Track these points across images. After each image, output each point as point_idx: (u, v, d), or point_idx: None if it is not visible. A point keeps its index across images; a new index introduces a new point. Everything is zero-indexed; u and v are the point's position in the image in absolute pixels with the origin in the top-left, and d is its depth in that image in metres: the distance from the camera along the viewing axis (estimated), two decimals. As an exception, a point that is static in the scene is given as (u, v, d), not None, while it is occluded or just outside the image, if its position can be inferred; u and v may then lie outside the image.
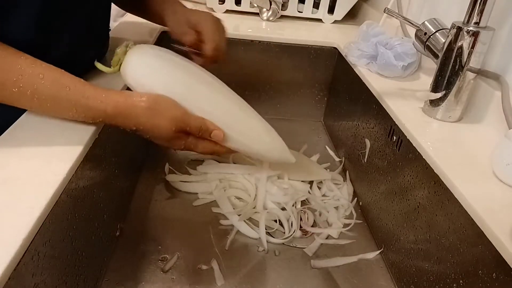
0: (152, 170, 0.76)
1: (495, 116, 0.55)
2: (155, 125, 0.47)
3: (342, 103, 0.88)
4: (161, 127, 0.47)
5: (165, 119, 0.47)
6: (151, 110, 0.46)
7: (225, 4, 1.04)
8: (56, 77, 0.43)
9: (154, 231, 0.63)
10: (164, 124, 0.47)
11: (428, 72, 0.73)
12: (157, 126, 0.47)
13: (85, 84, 0.45)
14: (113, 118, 0.46)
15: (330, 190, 0.75)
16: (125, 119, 0.46)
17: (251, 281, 0.56)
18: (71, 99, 0.43)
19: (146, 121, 0.46)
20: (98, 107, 0.44)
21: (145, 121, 0.46)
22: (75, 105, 0.44)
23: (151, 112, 0.46)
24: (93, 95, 0.44)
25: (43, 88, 0.42)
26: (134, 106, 0.46)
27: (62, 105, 0.44)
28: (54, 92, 0.43)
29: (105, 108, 0.45)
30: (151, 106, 0.46)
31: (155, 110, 0.46)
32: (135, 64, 0.50)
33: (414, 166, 0.54)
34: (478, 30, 0.52)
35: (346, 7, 1.04)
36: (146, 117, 0.46)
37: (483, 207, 0.41)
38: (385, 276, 0.59)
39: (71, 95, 0.43)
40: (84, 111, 0.45)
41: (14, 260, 0.30)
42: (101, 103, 0.44)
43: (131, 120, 0.46)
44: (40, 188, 0.37)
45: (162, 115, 0.47)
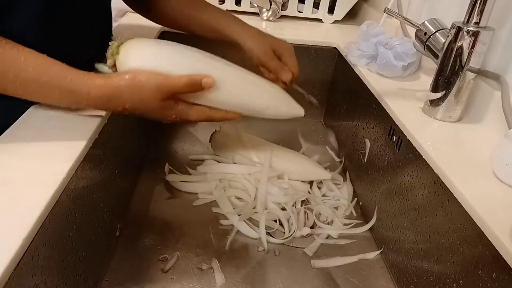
0: (152, 170, 0.76)
1: (495, 116, 0.55)
2: (141, 100, 0.46)
3: (342, 103, 0.88)
4: (147, 100, 0.46)
5: (148, 91, 0.46)
6: (132, 86, 0.46)
7: (225, 4, 1.04)
8: (38, 60, 0.43)
9: (154, 231, 0.63)
10: (148, 96, 0.46)
11: (428, 72, 0.73)
12: (143, 100, 0.46)
13: (68, 68, 0.45)
14: (98, 100, 0.45)
15: (330, 190, 0.75)
16: (109, 100, 0.46)
17: (251, 281, 0.56)
18: (53, 82, 0.43)
19: (130, 97, 0.46)
20: (81, 89, 0.44)
21: (129, 98, 0.46)
22: (58, 88, 0.44)
23: (133, 88, 0.46)
24: (76, 78, 0.44)
25: (25, 72, 0.42)
26: (115, 85, 0.45)
27: (45, 89, 0.44)
28: (36, 75, 0.43)
29: (88, 91, 0.44)
30: (131, 82, 0.46)
31: (135, 85, 0.46)
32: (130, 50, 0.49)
33: (414, 166, 0.54)
34: (478, 30, 0.52)
35: (346, 7, 1.04)
36: (129, 94, 0.46)
37: (483, 207, 0.41)
38: (385, 276, 0.59)
39: (54, 78, 0.43)
40: (67, 94, 0.44)
41: (14, 260, 0.30)
42: (84, 85, 0.44)
43: (116, 100, 0.46)
44: (40, 188, 0.37)
45: (144, 88, 0.46)
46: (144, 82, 0.46)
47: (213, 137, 0.80)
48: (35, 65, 0.43)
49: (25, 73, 0.42)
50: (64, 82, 0.43)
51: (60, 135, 0.45)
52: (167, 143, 0.86)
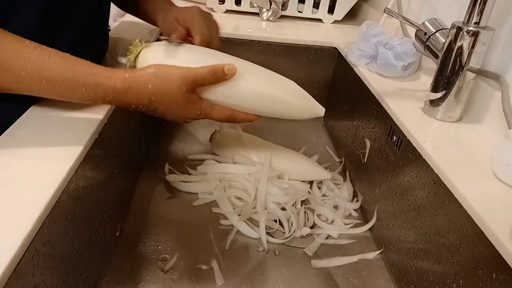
0: (152, 170, 0.76)
1: (495, 116, 0.55)
2: (167, 91, 0.47)
3: (342, 103, 0.88)
4: (173, 91, 0.47)
5: (174, 81, 0.47)
6: (158, 76, 0.46)
7: (225, 4, 1.04)
8: (62, 58, 0.43)
9: (154, 231, 0.63)
10: (174, 87, 0.47)
11: (428, 72, 0.73)
12: (168, 91, 0.47)
13: (91, 64, 0.45)
14: (124, 94, 0.45)
15: (330, 190, 0.75)
16: (135, 92, 0.46)
17: (251, 281, 0.56)
18: (79, 78, 0.43)
19: (156, 89, 0.46)
20: (107, 83, 0.44)
21: (155, 90, 0.46)
22: (84, 84, 0.44)
23: (158, 79, 0.46)
24: (101, 72, 0.44)
25: (50, 69, 0.42)
26: (141, 76, 0.46)
27: (71, 85, 0.43)
28: (61, 72, 0.42)
29: (114, 84, 0.44)
30: (156, 73, 0.46)
31: (161, 75, 0.46)
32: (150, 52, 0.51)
33: (414, 166, 0.54)
34: (478, 30, 0.52)
35: (346, 7, 1.05)
36: (155, 85, 0.46)
37: (483, 207, 0.41)
38: (385, 276, 0.59)
39: (79, 73, 0.43)
40: (93, 89, 0.44)
41: (14, 260, 0.30)
42: (109, 79, 0.44)
43: (142, 92, 0.46)
44: (40, 188, 0.37)
45: (169, 78, 0.47)
46: (169, 73, 0.47)
47: (213, 137, 0.80)
48: (60, 63, 0.43)
49: (50, 72, 0.42)
50: (90, 77, 0.44)
51: (60, 135, 0.45)
52: (167, 143, 0.86)
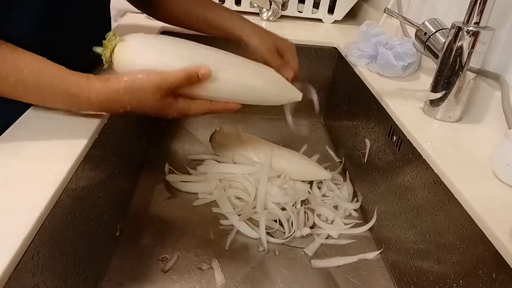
0: (152, 170, 0.76)
1: (495, 116, 0.55)
2: (141, 101, 0.47)
3: (342, 103, 0.88)
4: (147, 100, 0.47)
5: (148, 91, 0.47)
6: (131, 88, 0.46)
7: (225, 4, 1.04)
8: (38, 65, 0.43)
9: (154, 231, 0.63)
10: (148, 96, 0.47)
11: (428, 72, 0.73)
12: (143, 101, 0.47)
13: (68, 72, 0.45)
14: (98, 104, 0.46)
15: (330, 190, 0.75)
16: (109, 104, 0.46)
17: (251, 281, 0.56)
18: (54, 87, 0.43)
19: (130, 99, 0.46)
20: (81, 94, 0.44)
21: (129, 100, 0.46)
22: (59, 94, 0.44)
23: (132, 90, 0.46)
24: (76, 82, 0.44)
25: (25, 77, 0.42)
26: (114, 89, 0.46)
27: (46, 94, 0.44)
28: (37, 80, 0.43)
29: (88, 96, 0.45)
30: (129, 85, 0.46)
31: (135, 88, 0.46)
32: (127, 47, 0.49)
33: (414, 166, 0.54)
34: (478, 30, 0.52)
35: (346, 7, 1.04)
36: (129, 96, 0.46)
37: (483, 207, 0.41)
38: (385, 276, 0.59)
39: (55, 82, 0.43)
40: (68, 99, 0.45)
41: (14, 260, 0.30)
42: (84, 89, 0.44)
43: (116, 103, 0.46)
44: (40, 188, 0.37)
45: (143, 89, 0.46)
46: (143, 84, 0.46)
47: (213, 137, 0.80)
48: (36, 70, 0.43)
49: (26, 78, 0.42)
50: (64, 87, 0.44)
51: (60, 135, 0.45)
52: (167, 143, 0.86)
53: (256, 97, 0.56)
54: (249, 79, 0.54)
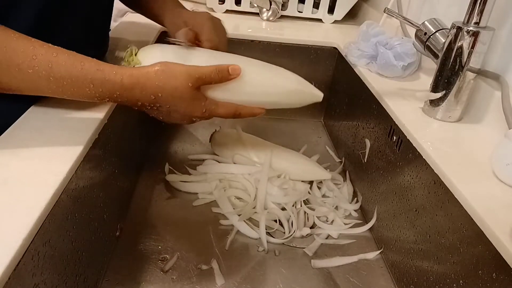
0: (152, 170, 0.76)
1: (495, 116, 0.55)
2: (173, 87, 0.47)
3: (342, 103, 0.88)
4: (179, 87, 0.47)
5: (180, 78, 0.47)
6: (165, 73, 0.46)
7: (225, 4, 1.04)
8: (69, 55, 0.43)
9: (154, 231, 0.63)
10: (180, 84, 0.47)
11: (428, 72, 0.73)
12: (175, 88, 0.47)
13: (97, 61, 0.45)
14: (131, 89, 0.45)
15: (330, 190, 0.75)
16: (142, 88, 0.46)
17: (251, 281, 0.56)
18: (86, 75, 0.43)
19: (163, 85, 0.46)
20: (114, 78, 0.44)
21: (162, 86, 0.46)
22: (91, 80, 0.44)
23: (166, 75, 0.46)
24: (108, 69, 0.44)
25: (57, 66, 0.42)
26: (148, 73, 0.46)
27: (79, 82, 0.43)
28: (69, 69, 0.43)
29: (121, 79, 0.45)
30: (164, 69, 0.46)
31: (168, 71, 0.46)
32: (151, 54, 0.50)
33: (414, 166, 0.54)
34: (478, 30, 0.52)
35: (346, 7, 1.05)
36: (162, 81, 0.46)
37: (483, 207, 0.41)
38: (385, 276, 0.59)
39: (86, 70, 0.43)
40: (100, 85, 0.44)
41: (14, 260, 0.30)
42: (116, 74, 0.44)
43: (148, 88, 0.46)
44: (40, 188, 0.37)
45: (176, 76, 0.47)
46: (176, 70, 0.47)
47: (213, 137, 0.80)
48: (67, 60, 0.43)
49: (58, 69, 0.42)
50: (97, 74, 0.44)
51: (60, 135, 0.45)
52: (167, 143, 0.86)
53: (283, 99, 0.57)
54: (276, 81, 0.55)
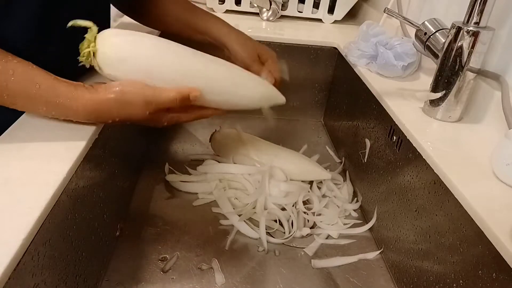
0: (152, 170, 0.76)
1: (495, 116, 0.55)
2: (129, 115, 0.46)
3: (342, 103, 0.88)
4: (135, 115, 0.46)
5: (137, 107, 0.46)
6: (120, 102, 0.45)
7: (225, 4, 1.04)
8: (26, 73, 0.42)
9: (154, 231, 0.63)
10: (137, 112, 0.46)
11: (428, 72, 0.73)
12: (131, 115, 0.46)
13: (56, 81, 0.44)
14: (87, 116, 0.45)
15: (330, 190, 0.75)
16: (97, 115, 0.45)
17: (251, 281, 0.56)
18: (41, 96, 0.43)
19: (119, 113, 0.46)
20: (69, 105, 0.44)
21: (117, 113, 0.46)
22: (46, 103, 0.43)
23: (121, 104, 0.45)
24: (64, 93, 0.43)
25: (13, 85, 0.41)
26: (102, 101, 0.45)
27: (32, 102, 0.43)
28: (24, 88, 0.42)
29: (76, 108, 0.44)
30: (118, 98, 0.45)
31: (124, 101, 0.45)
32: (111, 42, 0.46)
33: (414, 166, 0.54)
34: (478, 30, 0.52)
35: (346, 7, 1.05)
36: (117, 110, 0.45)
37: (483, 207, 0.41)
38: (385, 276, 0.59)
39: (42, 92, 0.42)
40: (54, 109, 0.44)
41: (14, 260, 0.30)
42: (71, 101, 0.43)
43: (104, 115, 0.46)
44: (40, 188, 0.37)
45: (132, 104, 0.46)
46: (132, 98, 0.46)
47: (213, 137, 0.80)
48: (23, 78, 0.42)
49: (13, 85, 0.41)
50: (52, 97, 0.43)
51: (60, 135, 0.45)
52: (167, 143, 0.86)
53: (244, 105, 0.56)
54: (241, 90, 0.54)
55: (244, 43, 0.67)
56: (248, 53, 0.65)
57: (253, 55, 0.65)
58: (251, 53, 0.65)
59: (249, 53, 0.65)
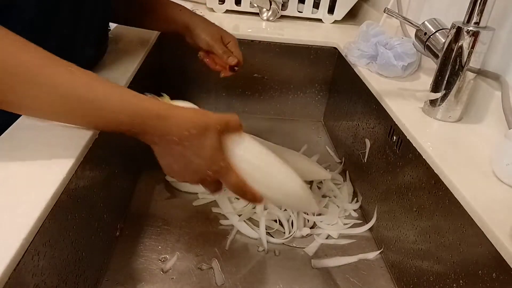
0: (152, 170, 0.76)
1: (495, 116, 0.55)
2: (195, 153, 0.42)
3: (342, 103, 0.88)
4: (198, 160, 0.42)
5: (211, 119, 0.42)
6: (198, 113, 0.42)
7: (225, 4, 1.04)
8: (107, 83, 0.40)
9: (154, 231, 0.63)
10: (212, 122, 0.42)
11: (428, 72, 0.73)
12: (207, 126, 0.41)
13: (136, 93, 0.41)
14: (165, 119, 0.40)
15: (330, 190, 0.75)
16: (177, 120, 0.41)
17: (251, 281, 0.56)
18: (122, 103, 0.40)
19: (197, 121, 0.41)
20: (151, 107, 0.40)
21: (195, 121, 0.41)
22: (125, 110, 0.40)
23: (199, 113, 0.42)
24: (146, 100, 0.41)
25: (95, 92, 0.39)
26: (184, 108, 0.42)
27: (114, 110, 0.40)
28: (107, 95, 0.39)
29: (158, 108, 0.41)
30: (197, 109, 0.43)
31: (200, 112, 0.42)
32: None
33: (414, 166, 0.54)
34: (478, 30, 0.52)
35: (346, 7, 1.05)
36: (195, 118, 0.42)
37: (483, 207, 0.41)
38: (385, 276, 0.59)
39: (125, 99, 0.40)
40: (134, 115, 0.40)
41: (14, 260, 0.30)
42: (153, 104, 0.41)
43: (184, 122, 0.41)
44: (40, 188, 0.37)
45: (207, 114, 0.42)
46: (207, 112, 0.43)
47: (213, 137, 0.80)
48: (106, 88, 0.39)
49: (96, 94, 0.38)
50: (133, 106, 0.40)
51: (60, 135, 0.45)
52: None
53: (284, 202, 0.53)
54: (293, 203, 0.52)
55: (206, 24, 0.69)
56: (212, 35, 0.67)
57: (216, 36, 0.68)
58: (214, 35, 0.67)
59: (213, 34, 0.67)
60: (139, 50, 0.72)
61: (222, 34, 0.69)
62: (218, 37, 0.68)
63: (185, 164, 0.43)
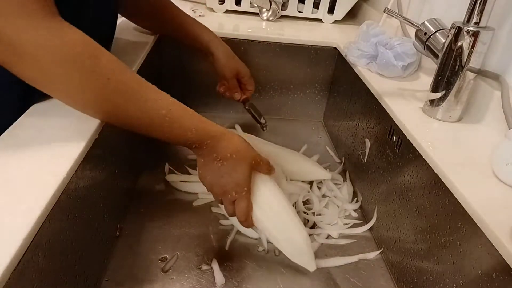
0: (152, 170, 0.76)
1: (495, 116, 0.55)
2: (246, 149, 0.51)
3: (342, 103, 0.88)
4: (241, 166, 0.50)
5: (250, 148, 0.52)
6: (243, 141, 0.51)
7: (225, 4, 1.04)
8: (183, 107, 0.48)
9: (154, 231, 0.63)
10: (249, 151, 0.51)
11: (428, 72, 0.73)
12: (247, 149, 0.51)
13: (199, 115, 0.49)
14: (219, 139, 0.49)
15: (330, 190, 0.75)
16: (228, 142, 0.50)
17: (251, 281, 0.56)
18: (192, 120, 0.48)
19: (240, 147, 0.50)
20: (211, 128, 0.49)
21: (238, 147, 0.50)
22: (195, 126, 0.48)
23: (242, 141, 0.51)
24: (208, 122, 0.49)
25: (175, 111, 0.47)
26: (234, 133, 0.51)
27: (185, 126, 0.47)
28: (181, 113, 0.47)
29: (216, 129, 0.49)
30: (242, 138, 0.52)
31: (244, 140, 0.52)
32: None
33: (414, 166, 0.54)
34: (478, 30, 0.52)
35: (346, 7, 1.05)
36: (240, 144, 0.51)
37: (483, 207, 0.41)
38: (385, 276, 0.59)
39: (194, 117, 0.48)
40: (201, 131, 0.48)
41: (14, 260, 0.30)
42: (213, 126, 0.49)
43: (232, 144, 0.50)
44: (40, 188, 0.37)
45: (248, 144, 0.52)
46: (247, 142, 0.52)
47: (213, 137, 0.80)
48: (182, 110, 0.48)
49: (175, 113, 0.47)
50: (201, 124, 0.49)
51: (60, 135, 0.45)
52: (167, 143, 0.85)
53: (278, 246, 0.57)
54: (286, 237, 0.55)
55: (229, 59, 0.76)
56: (230, 70, 0.76)
57: (234, 72, 0.77)
58: (232, 70, 0.77)
59: (231, 69, 0.76)
60: (139, 51, 0.72)
61: (239, 69, 0.77)
62: (234, 72, 0.77)
63: (217, 178, 0.51)
